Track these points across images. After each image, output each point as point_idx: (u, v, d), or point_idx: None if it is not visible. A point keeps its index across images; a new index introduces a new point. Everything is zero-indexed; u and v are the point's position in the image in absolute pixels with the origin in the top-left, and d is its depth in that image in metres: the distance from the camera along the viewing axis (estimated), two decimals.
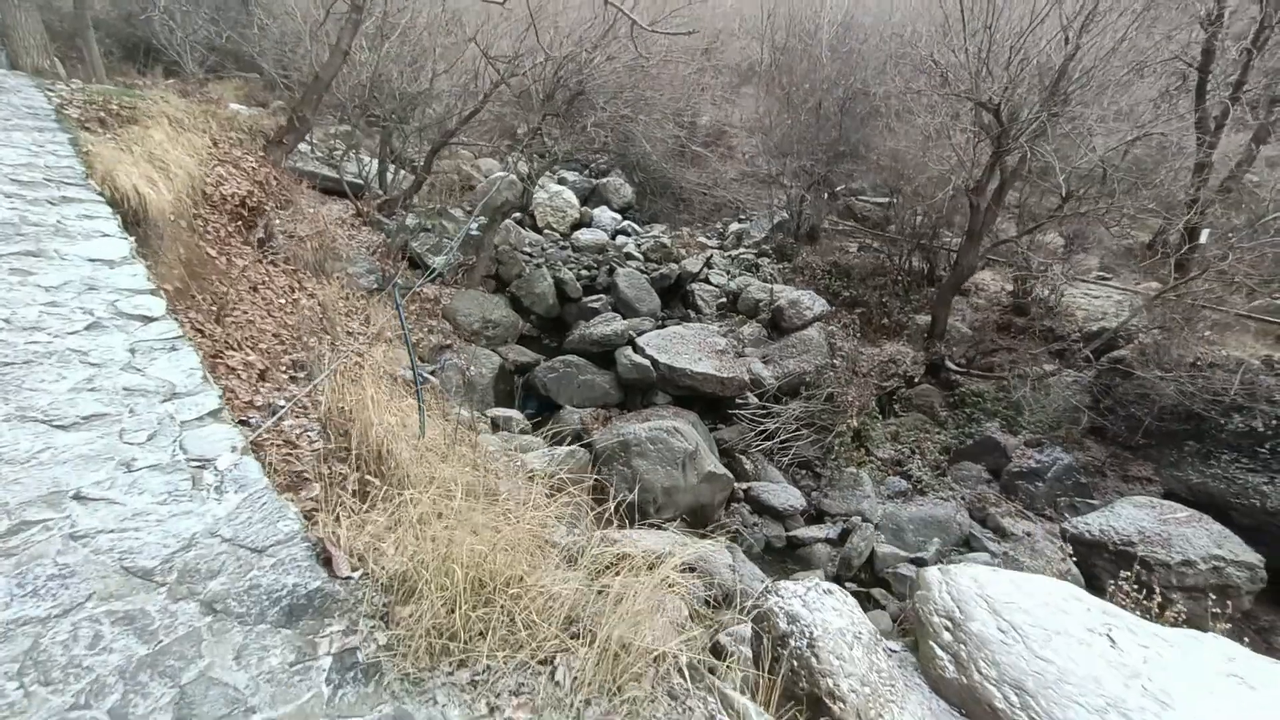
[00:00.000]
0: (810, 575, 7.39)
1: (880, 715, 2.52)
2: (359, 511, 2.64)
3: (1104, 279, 13.57)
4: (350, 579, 1.96)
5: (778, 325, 10.68)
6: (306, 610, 1.81)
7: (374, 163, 11.60)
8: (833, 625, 2.65)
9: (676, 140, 11.44)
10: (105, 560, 1.79)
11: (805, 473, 9.28)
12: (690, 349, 9.68)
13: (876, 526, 8.00)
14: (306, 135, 8.40)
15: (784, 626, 2.82)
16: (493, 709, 1.73)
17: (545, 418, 9.20)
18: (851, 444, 9.31)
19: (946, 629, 2.59)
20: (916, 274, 13.10)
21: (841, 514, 8.32)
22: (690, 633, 2.34)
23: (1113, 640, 2.38)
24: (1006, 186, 8.30)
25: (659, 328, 10.68)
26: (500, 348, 9.83)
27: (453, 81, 10.81)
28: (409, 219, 9.53)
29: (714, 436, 9.34)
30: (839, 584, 7.60)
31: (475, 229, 11.58)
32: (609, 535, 5.76)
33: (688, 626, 2.64)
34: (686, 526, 7.83)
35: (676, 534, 6.67)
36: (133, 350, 2.67)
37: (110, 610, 1.67)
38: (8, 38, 8.36)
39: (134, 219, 3.70)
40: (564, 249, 13.59)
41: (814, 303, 10.71)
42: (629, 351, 9.51)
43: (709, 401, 9.65)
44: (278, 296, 5.55)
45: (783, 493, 8.41)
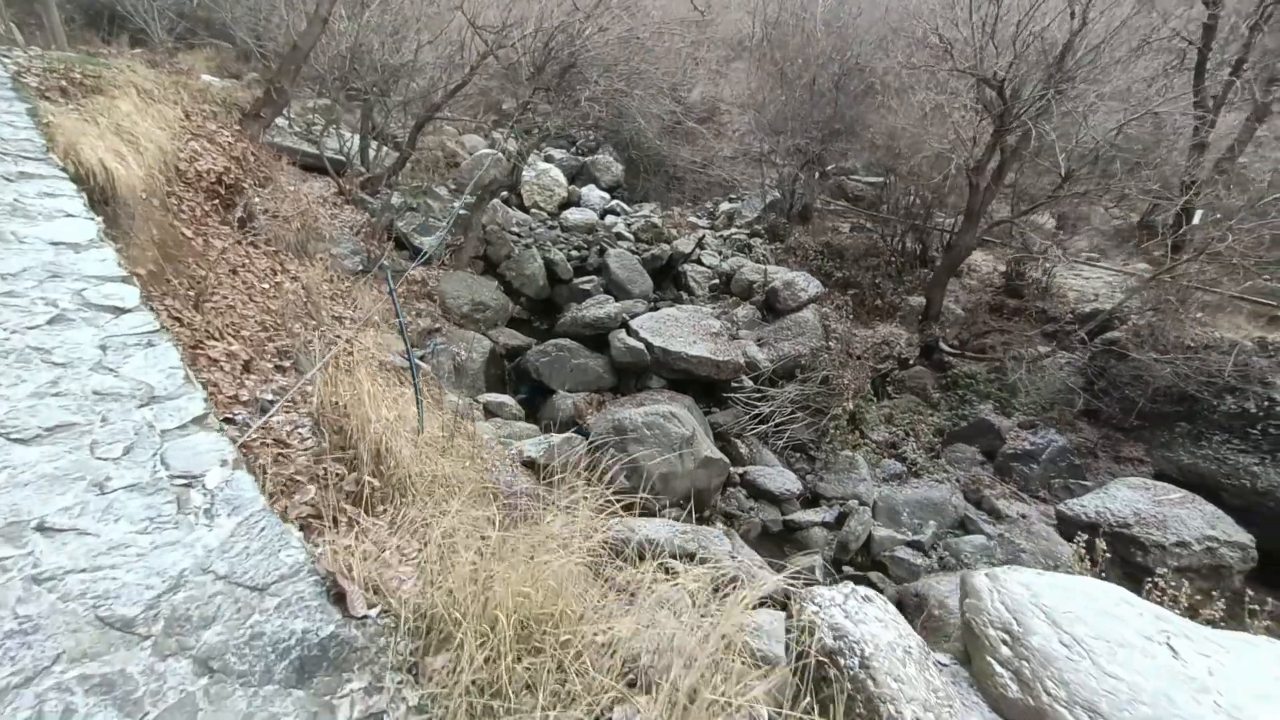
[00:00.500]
0: (809, 557, 7.37)
1: None
2: (359, 522, 2.46)
3: (1093, 260, 13.62)
4: (368, 619, 1.74)
5: (772, 307, 10.55)
6: (320, 664, 1.58)
7: (355, 138, 11.17)
8: (883, 640, 2.52)
9: (672, 116, 11.12)
10: (76, 609, 1.51)
11: (800, 456, 9.24)
12: (685, 332, 9.52)
13: (873, 510, 8.00)
14: (284, 109, 8.00)
15: (830, 642, 2.66)
16: None
17: (538, 403, 9.03)
18: (846, 427, 9.28)
19: (1004, 643, 2.48)
20: (909, 255, 13.01)
21: (837, 497, 8.30)
22: (768, 679, 2.10)
23: (1174, 650, 2.30)
24: (1006, 166, 8.18)
25: (652, 310, 10.50)
26: (490, 331, 9.60)
27: (437, 53, 10.38)
28: (394, 197, 9.19)
29: (709, 420, 9.24)
30: (837, 568, 7.64)
31: (462, 208, 11.25)
32: (626, 522, 5.66)
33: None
34: (683, 512, 7.82)
35: (677, 523, 6.60)
36: (103, 347, 2.38)
37: (83, 674, 1.40)
38: None
39: (101, 197, 3.39)
40: (553, 229, 13.28)
41: (809, 284, 10.58)
42: (622, 335, 9.33)
43: (703, 385, 9.53)
44: (259, 280, 5.28)
45: (779, 476, 8.35)
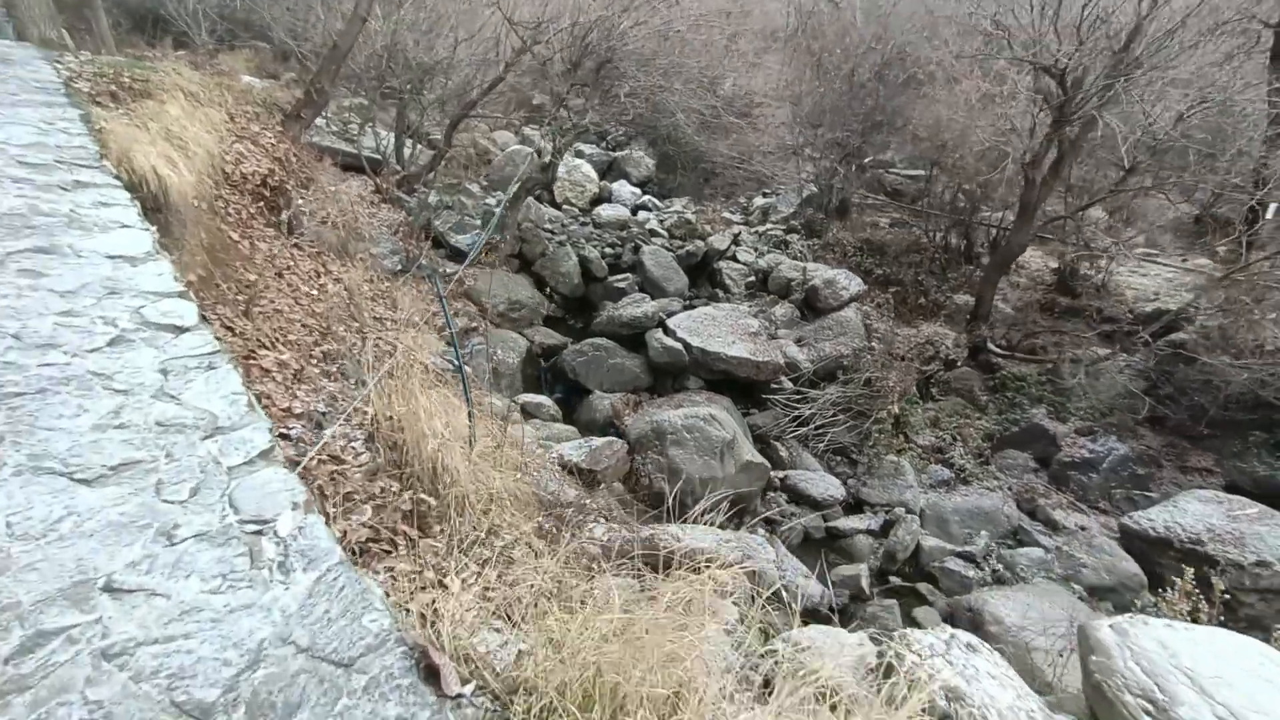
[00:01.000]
0: (854, 567, 7.14)
1: None
2: (418, 548, 2.35)
3: (1150, 255, 12.97)
4: (463, 698, 1.60)
5: (812, 305, 10.28)
6: None
7: (390, 136, 11.19)
8: (1002, 701, 2.29)
9: (713, 110, 10.87)
10: (150, 692, 1.33)
11: (840, 459, 8.98)
12: (723, 331, 9.32)
13: (920, 518, 7.72)
14: (324, 109, 8.01)
15: (943, 704, 2.44)
16: None
17: (574, 403, 8.94)
18: (890, 430, 8.98)
19: (1147, 713, 2.25)
20: (954, 251, 12.57)
21: (882, 504, 8.04)
22: None
23: None
24: (1065, 159, 7.78)
25: (688, 308, 10.32)
26: (526, 330, 9.53)
27: (471, 50, 10.31)
28: (431, 196, 9.16)
29: (747, 422, 9.04)
30: (882, 578, 7.39)
31: (497, 206, 11.20)
32: (669, 530, 5.51)
33: None
34: (725, 518, 7.64)
35: (720, 530, 6.43)
36: (164, 371, 2.25)
37: None
38: (14, 7, 8.00)
39: (154, 205, 3.36)
40: (585, 225, 13.16)
41: (850, 282, 10.28)
42: (659, 334, 9.17)
43: (741, 386, 9.32)
44: (304, 283, 5.25)
45: (821, 481, 8.12)
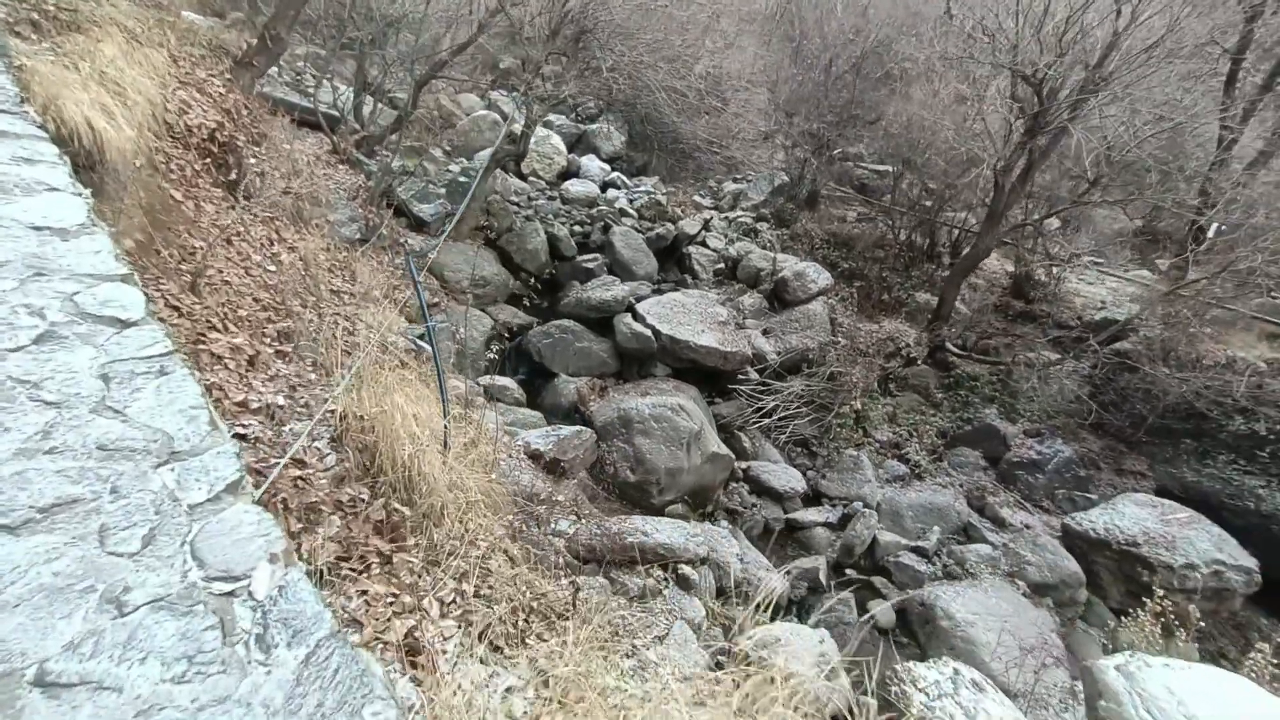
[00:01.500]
0: (813, 559, 7.26)
1: None
2: (392, 564, 2.16)
3: (1095, 263, 13.57)
4: None
5: (781, 297, 10.29)
6: None
7: (348, 92, 10.46)
8: None
9: (696, 92, 10.60)
10: None
11: (801, 451, 9.10)
12: (693, 319, 9.22)
13: (877, 512, 7.90)
14: (279, 58, 7.37)
15: None
16: None
17: (537, 385, 8.70)
18: (851, 425, 9.14)
19: None
20: (917, 249, 12.81)
21: (840, 497, 8.19)
22: None
23: None
24: (1035, 167, 7.95)
25: (656, 293, 10.17)
26: (490, 307, 9.18)
27: (443, 6, 9.69)
28: (394, 160, 8.62)
29: (713, 411, 9.02)
30: (839, 571, 7.55)
31: (463, 175, 10.69)
32: (637, 524, 5.39)
33: None
34: (688, 508, 7.61)
35: (686, 523, 6.39)
36: (105, 377, 1.87)
37: None
38: None
39: (87, 162, 2.87)
40: (552, 200, 12.73)
41: (819, 276, 10.32)
42: (629, 320, 9.00)
43: (707, 374, 9.27)
44: (255, 251, 4.83)
45: (783, 474, 8.20)
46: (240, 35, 8.71)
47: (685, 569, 5.35)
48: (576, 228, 11.70)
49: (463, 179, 10.49)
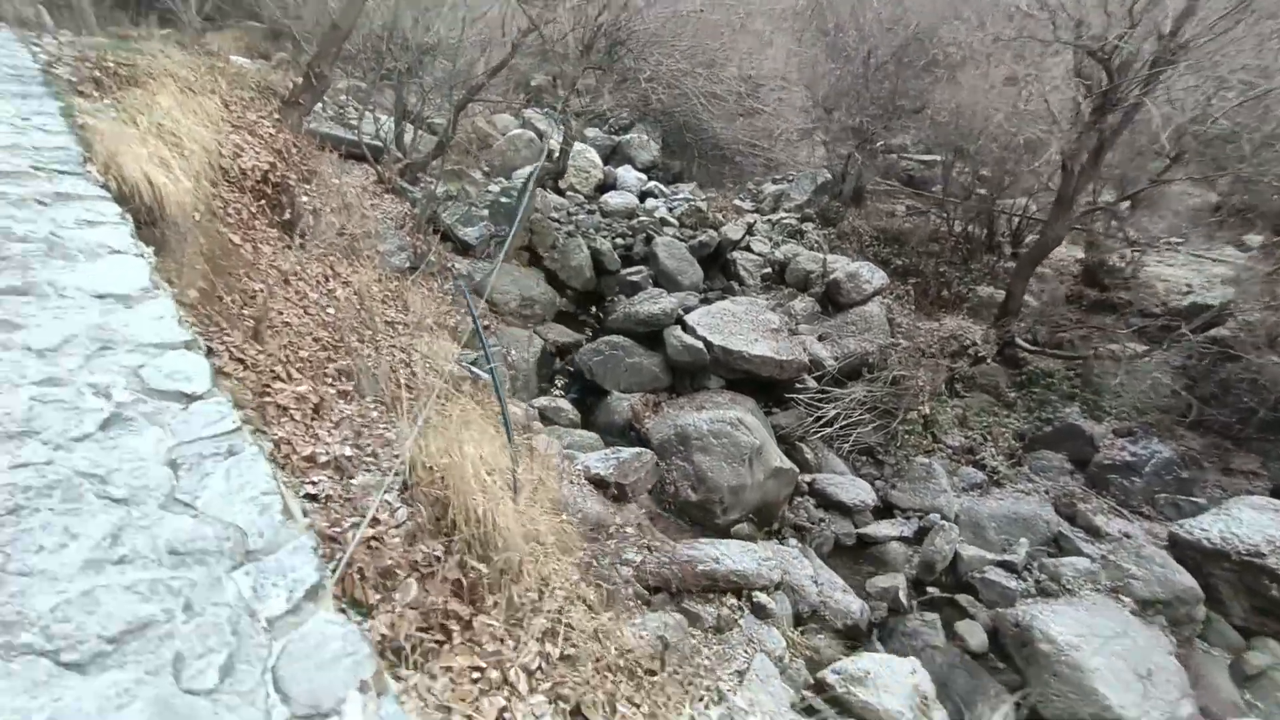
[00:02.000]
0: (890, 577, 6.84)
1: None
2: (472, 630, 1.98)
3: (1173, 244, 12.65)
4: None
5: (834, 300, 9.89)
6: None
7: (388, 122, 10.63)
8: None
9: (736, 96, 10.37)
10: None
11: (866, 460, 8.65)
12: (744, 328, 8.93)
13: (956, 524, 7.42)
14: (324, 94, 7.49)
15: None
16: None
17: (589, 403, 8.56)
18: (919, 430, 8.67)
19: None
20: (975, 240, 12.20)
21: (914, 509, 7.73)
22: None
23: None
24: (1106, 148, 7.39)
25: (704, 302, 9.92)
26: (539, 327, 9.11)
27: (475, 30, 9.75)
28: (438, 187, 8.67)
29: (770, 422, 8.69)
30: (919, 589, 7.09)
31: (504, 196, 10.70)
32: (708, 550, 5.15)
33: None
34: (753, 526, 7.30)
35: (755, 545, 6.10)
36: (173, 463, 1.71)
37: None
38: None
39: (148, 218, 2.82)
40: (592, 213, 12.66)
41: (873, 275, 9.89)
42: (678, 332, 8.77)
43: (761, 384, 8.96)
44: (312, 289, 4.82)
45: (851, 486, 7.80)
46: (285, 75, 8.95)
47: (760, 596, 5.08)
48: (618, 240, 11.58)
49: (504, 200, 10.51)
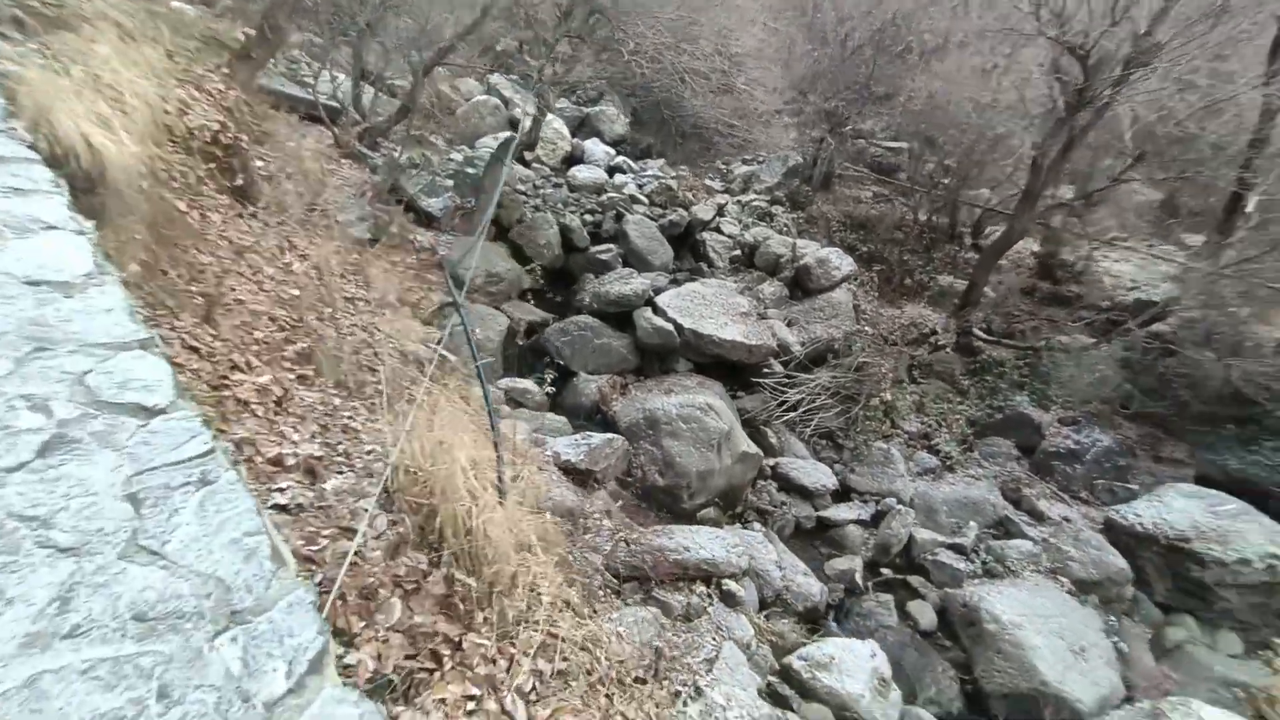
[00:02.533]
0: (847, 559, 7.05)
1: None
2: (462, 651, 1.90)
3: (1117, 240, 13.20)
4: None
5: (803, 285, 9.97)
6: None
7: (346, 82, 10.01)
8: None
9: (719, 74, 10.15)
10: None
11: (827, 444, 8.84)
12: (715, 311, 8.91)
13: (911, 508, 7.68)
14: (279, 49, 6.97)
15: None
16: None
17: (557, 384, 8.43)
18: (879, 416, 8.89)
19: None
20: (938, 230, 12.44)
21: (871, 492, 7.95)
22: None
23: None
24: (1075, 145, 7.58)
25: (674, 284, 9.84)
26: (504, 304, 8.88)
27: None
28: (400, 153, 8.25)
29: (736, 406, 8.76)
30: (875, 570, 7.34)
31: (469, 166, 10.30)
32: (677, 536, 5.16)
33: None
34: (719, 510, 7.37)
35: (722, 531, 6.17)
36: (134, 497, 1.40)
37: None
38: None
39: (86, 184, 2.51)
40: (559, 187, 12.32)
41: (842, 262, 9.99)
42: (649, 314, 8.69)
43: (729, 367, 9.00)
44: (267, 263, 4.52)
45: (813, 470, 7.96)
46: (231, 24, 8.28)
47: (729, 584, 5.15)
48: (587, 216, 11.31)
49: (469, 170, 10.11)
